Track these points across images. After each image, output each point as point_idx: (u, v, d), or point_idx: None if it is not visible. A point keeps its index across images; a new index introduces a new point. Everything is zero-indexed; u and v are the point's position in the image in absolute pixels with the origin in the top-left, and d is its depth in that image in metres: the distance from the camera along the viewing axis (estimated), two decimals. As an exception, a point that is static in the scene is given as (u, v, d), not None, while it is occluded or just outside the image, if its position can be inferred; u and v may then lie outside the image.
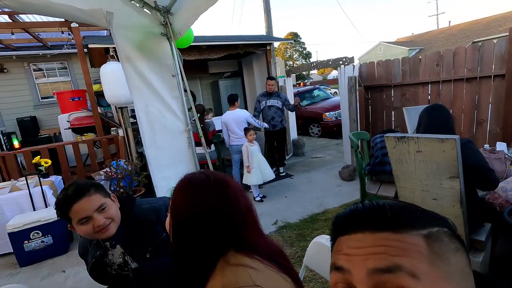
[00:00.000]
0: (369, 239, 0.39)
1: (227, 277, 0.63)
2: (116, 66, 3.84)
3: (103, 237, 1.09)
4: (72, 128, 4.60)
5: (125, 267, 1.18)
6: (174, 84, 2.07)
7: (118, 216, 1.12)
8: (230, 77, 7.11)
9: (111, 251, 1.17)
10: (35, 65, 6.44)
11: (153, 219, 1.17)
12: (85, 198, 1.05)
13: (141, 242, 1.15)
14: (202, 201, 0.69)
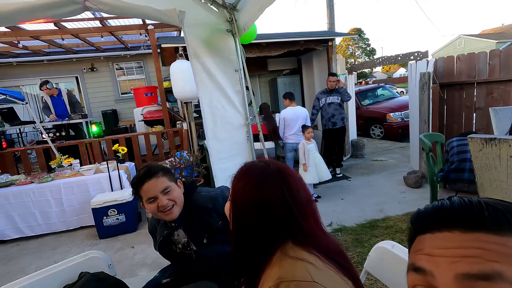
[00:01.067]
0: (458, 239, 0.34)
1: (284, 269, 0.61)
2: (184, 64, 4.15)
3: (167, 219, 1.18)
4: (144, 121, 5.12)
5: (188, 247, 1.26)
6: (237, 79, 2.13)
7: (181, 200, 1.20)
8: (288, 74, 7.07)
9: (177, 231, 1.27)
10: (117, 64, 7.33)
11: (209, 207, 1.23)
12: (153, 179, 1.15)
13: (198, 227, 1.21)
14: (262, 189, 0.68)
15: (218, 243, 1.20)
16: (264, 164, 0.73)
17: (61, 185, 3.66)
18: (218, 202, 1.25)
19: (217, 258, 1.18)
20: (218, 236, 1.21)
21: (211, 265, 1.20)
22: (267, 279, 0.62)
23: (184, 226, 1.24)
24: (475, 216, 0.34)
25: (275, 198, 0.67)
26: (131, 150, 4.69)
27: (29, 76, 6.66)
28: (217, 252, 1.19)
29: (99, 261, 1.23)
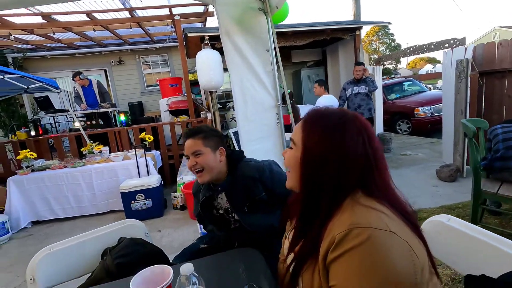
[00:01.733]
0: None
1: (357, 215, 0.57)
2: (210, 53, 4.15)
3: (199, 181, 1.23)
4: (170, 111, 5.21)
5: (230, 213, 1.27)
6: (268, 58, 2.09)
7: (211, 168, 1.21)
8: (312, 66, 6.93)
9: (220, 195, 1.28)
10: (143, 57, 7.51)
11: (256, 177, 1.23)
12: (191, 139, 1.22)
13: (241, 195, 1.21)
14: (344, 136, 0.64)
15: (259, 213, 1.20)
16: (341, 110, 0.69)
17: (92, 170, 3.79)
18: (265, 173, 1.24)
19: (257, 227, 1.18)
20: (260, 206, 1.20)
21: (251, 234, 1.19)
22: (336, 225, 0.59)
23: (227, 191, 1.25)
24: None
25: (355, 146, 0.63)
26: (157, 139, 4.78)
27: (61, 69, 6.97)
28: (257, 222, 1.18)
29: (137, 229, 1.25)
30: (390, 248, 0.53)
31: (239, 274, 0.87)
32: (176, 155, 4.82)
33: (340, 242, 0.55)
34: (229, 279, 0.84)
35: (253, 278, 0.84)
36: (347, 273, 0.54)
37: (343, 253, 0.54)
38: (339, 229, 0.57)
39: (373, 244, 0.53)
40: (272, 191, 1.21)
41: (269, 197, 1.21)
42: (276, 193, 1.21)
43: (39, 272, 0.99)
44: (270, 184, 1.22)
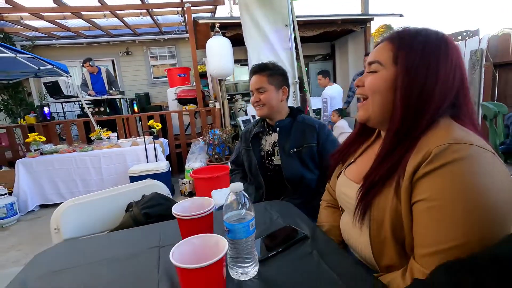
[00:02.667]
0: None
1: (457, 132, 0.56)
2: (220, 40, 4.14)
3: (258, 114, 1.30)
4: (178, 99, 5.19)
5: (269, 157, 1.31)
6: (286, 34, 2.06)
7: (272, 105, 1.27)
8: (321, 60, 6.90)
9: (266, 137, 1.34)
10: (151, 49, 7.50)
11: (315, 126, 1.28)
12: (257, 75, 1.28)
13: (295, 137, 1.26)
14: (445, 56, 0.61)
15: (299, 162, 1.23)
16: (435, 31, 0.65)
17: (100, 155, 3.78)
18: (324, 129, 1.29)
19: (292, 173, 1.21)
20: (304, 156, 1.23)
21: (283, 178, 1.23)
22: (432, 140, 0.56)
23: (283, 129, 1.29)
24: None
25: (455, 66, 0.61)
26: (165, 128, 4.77)
27: (70, 58, 6.97)
28: (294, 168, 1.22)
29: (159, 189, 1.22)
30: (493, 168, 0.51)
31: (273, 220, 0.85)
32: (184, 144, 4.80)
33: (438, 155, 0.52)
34: (265, 224, 0.82)
35: (289, 222, 0.81)
36: (441, 187, 0.51)
37: (440, 166, 0.52)
38: (436, 143, 0.54)
39: (476, 160, 0.51)
40: (323, 146, 1.25)
41: (317, 151, 1.26)
42: (325, 151, 1.25)
43: (63, 223, 0.97)
44: (324, 139, 1.26)
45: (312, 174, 1.24)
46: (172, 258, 0.46)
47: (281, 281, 0.58)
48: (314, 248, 0.68)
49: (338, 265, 0.61)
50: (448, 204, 0.50)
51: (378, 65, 0.65)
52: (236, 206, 0.57)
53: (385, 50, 0.65)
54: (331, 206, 0.93)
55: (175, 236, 0.78)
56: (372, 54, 0.68)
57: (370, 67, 0.68)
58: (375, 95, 0.66)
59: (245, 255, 0.58)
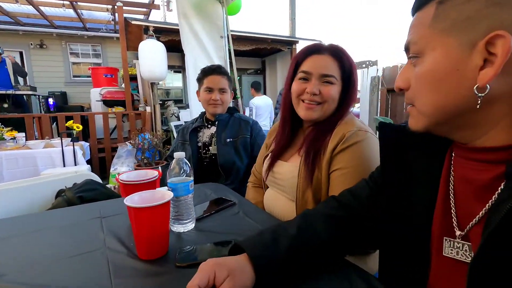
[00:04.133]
0: None
1: (357, 123, 0.85)
2: (155, 43, 4.09)
3: (211, 111, 1.44)
4: (103, 101, 4.84)
5: (206, 147, 1.44)
6: (221, 45, 2.26)
7: (227, 105, 1.47)
8: (252, 73, 7.34)
9: (204, 130, 1.50)
10: (71, 44, 6.81)
11: (250, 122, 1.50)
12: (221, 76, 1.43)
13: (232, 130, 1.45)
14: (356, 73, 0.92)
15: (233, 150, 1.40)
16: None
17: (3, 157, 3.27)
18: (257, 125, 1.51)
19: (226, 160, 1.38)
20: (238, 146, 1.42)
21: (220, 164, 1.38)
22: (344, 127, 0.84)
23: (222, 122, 1.45)
24: None
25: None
26: (86, 130, 4.39)
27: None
28: (228, 155, 1.39)
29: (91, 178, 1.22)
30: (377, 146, 0.77)
31: (208, 195, 0.99)
32: (108, 148, 4.49)
33: (349, 138, 0.79)
34: (199, 197, 0.95)
35: (220, 196, 0.96)
36: (351, 159, 0.78)
37: (350, 145, 0.79)
38: (348, 129, 0.81)
39: (370, 141, 0.80)
40: (255, 139, 1.47)
41: (250, 143, 1.46)
42: (256, 143, 1.45)
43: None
44: (256, 133, 1.48)
45: (242, 163, 1.43)
46: (125, 201, 0.57)
47: (213, 231, 0.72)
48: (241, 209, 0.85)
49: (260, 219, 0.79)
50: (354, 170, 0.77)
51: (334, 78, 0.85)
52: (178, 171, 0.70)
53: (333, 65, 0.86)
54: (256, 186, 1.13)
55: (116, 210, 0.85)
56: (327, 69, 0.86)
57: (326, 79, 0.86)
58: (330, 102, 0.88)
59: (185, 211, 0.70)
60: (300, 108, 0.88)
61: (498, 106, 0.37)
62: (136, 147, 4.00)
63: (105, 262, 0.58)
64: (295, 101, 0.89)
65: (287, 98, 0.93)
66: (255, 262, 0.50)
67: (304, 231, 0.56)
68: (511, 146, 0.37)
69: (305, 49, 0.89)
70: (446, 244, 0.46)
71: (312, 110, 0.85)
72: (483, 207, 0.40)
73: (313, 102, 0.84)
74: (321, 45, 0.88)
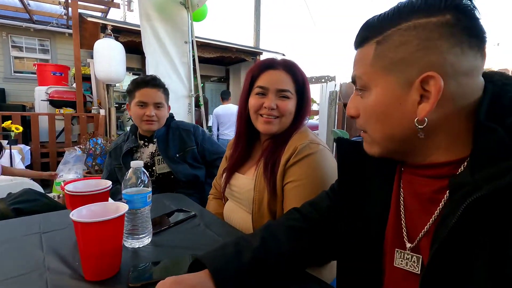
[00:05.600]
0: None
1: (310, 136, 0.86)
2: (112, 43, 3.87)
3: (145, 128, 1.27)
4: (50, 100, 4.41)
5: (149, 168, 1.30)
6: (185, 50, 2.21)
7: (163, 121, 1.31)
8: (216, 81, 7.31)
9: (142, 149, 1.32)
10: (13, 36, 6.15)
11: (190, 130, 1.37)
12: (156, 89, 1.26)
13: (175, 144, 1.31)
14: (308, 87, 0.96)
15: (187, 164, 1.31)
16: None
17: None
18: (198, 130, 1.40)
19: (184, 176, 1.28)
20: (189, 158, 1.31)
21: (175, 180, 1.27)
22: (296, 140, 0.85)
23: (161, 139, 1.30)
24: None
25: None
26: (28, 133, 3.95)
27: None
28: (185, 171, 1.28)
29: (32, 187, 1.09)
30: (328, 159, 0.82)
31: (167, 206, 0.93)
32: (53, 152, 4.09)
33: (301, 150, 0.79)
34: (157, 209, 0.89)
35: (181, 207, 0.92)
36: (303, 172, 0.78)
37: (302, 158, 0.79)
38: (300, 142, 0.81)
39: (322, 154, 0.81)
40: (202, 146, 1.37)
41: (198, 151, 1.36)
42: (204, 149, 1.37)
43: None
44: (201, 139, 1.38)
45: (201, 170, 1.37)
46: (71, 215, 0.51)
47: (172, 246, 0.68)
48: (201, 221, 0.82)
49: (223, 232, 0.77)
50: (306, 182, 0.77)
51: (289, 93, 0.87)
52: (135, 181, 0.65)
53: (288, 79, 0.87)
54: (217, 197, 1.11)
55: (59, 224, 0.76)
56: (282, 84, 0.87)
57: (282, 93, 0.87)
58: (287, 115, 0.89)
59: (141, 225, 0.65)
60: (259, 122, 0.88)
61: (439, 132, 0.41)
62: (87, 153, 3.70)
63: (43, 285, 0.51)
64: (254, 116, 0.89)
65: (243, 112, 0.92)
66: (216, 276, 0.48)
67: (267, 242, 0.56)
68: (452, 162, 0.41)
69: (259, 64, 0.90)
70: (397, 256, 0.49)
71: (271, 124, 0.86)
72: (429, 219, 0.44)
73: (271, 116, 0.85)
74: (275, 60, 0.89)
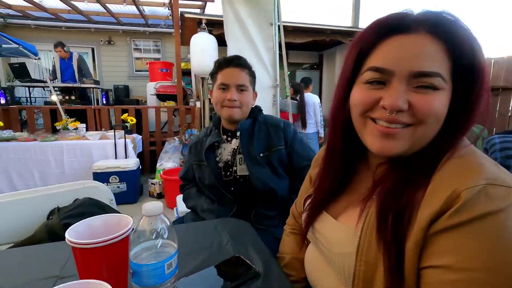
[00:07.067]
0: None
1: (488, 168, 0.41)
2: (206, 36, 3.97)
3: (225, 115, 1.09)
4: (157, 95, 4.94)
5: (230, 168, 1.11)
6: (270, 34, 1.93)
7: (247, 108, 1.12)
8: (308, 69, 6.87)
9: (225, 145, 1.15)
10: (135, 40, 7.20)
11: (280, 126, 1.13)
12: (239, 69, 1.08)
13: (259, 141, 1.10)
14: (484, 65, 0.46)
15: (269, 169, 1.07)
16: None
17: (63, 146, 3.48)
18: (289, 127, 1.15)
19: (262, 184, 1.03)
20: (273, 162, 1.07)
21: (253, 189, 1.04)
22: (455, 175, 0.41)
23: (244, 134, 1.10)
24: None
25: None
26: (140, 124, 4.51)
27: (46, 41, 6.53)
28: (264, 177, 1.04)
29: (99, 193, 1.02)
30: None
31: (222, 246, 0.68)
32: (159, 142, 4.56)
33: (470, 203, 0.37)
34: (209, 250, 0.64)
35: (240, 250, 0.65)
36: (476, 253, 0.37)
37: (474, 219, 0.37)
38: (466, 182, 0.39)
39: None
40: (291, 146, 1.10)
41: (287, 153, 1.10)
42: (293, 151, 1.10)
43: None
44: (291, 139, 1.11)
45: (283, 182, 1.09)
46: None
47: None
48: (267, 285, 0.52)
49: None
50: (480, 277, 0.36)
51: (442, 80, 0.44)
52: (149, 235, 0.41)
53: (438, 53, 0.44)
54: (295, 232, 0.77)
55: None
56: (422, 61, 0.44)
57: (421, 81, 0.45)
58: (430, 122, 0.46)
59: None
60: (369, 133, 0.49)
61: None
62: (183, 143, 3.95)
63: None
64: (359, 120, 0.50)
65: (340, 111, 0.54)
66: None
67: None
68: None
69: (375, 25, 0.49)
70: None
71: (393, 138, 0.46)
72: None
73: (396, 125, 0.45)
74: (409, 15, 0.46)
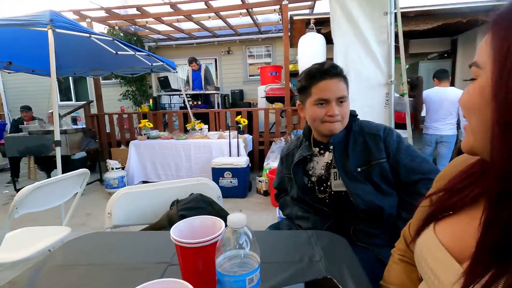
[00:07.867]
0: None
1: None
2: (314, 36, 3.94)
3: (326, 131, 0.99)
4: (266, 97, 5.24)
5: (324, 183, 1.02)
6: (384, 25, 1.71)
7: (347, 119, 1.00)
8: (435, 59, 5.79)
9: (317, 158, 1.06)
10: (249, 48, 7.85)
11: (380, 135, 0.98)
12: (336, 79, 0.96)
13: (358, 153, 0.97)
14: None
15: (370, 185, 0.93)
16: None
17: (191, 144, 4.15)
18: (392, 135, 0.99)
19: (364, 202, 0.91)
20: (374, 177, 0.93)
21: (353, 205, 0.93)
22: None
23: (338, 148, 1.00)
24: None
25: None
26: (251, 124, 4.89)
27: (182, 57, 7.97)
28: (366, 195, 0.91)
29: (210, 190, 1.17)
30: None
31: (313, 262, 0.64)
32: (267, 141, 4.82)
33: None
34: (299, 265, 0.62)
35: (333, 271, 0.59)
36: None
37: None
38: None
39: None
40: (394, 158, 0.94)
41: (390, 167, 0.95)
42: (399, 164, 0.94)
43: (115, 209, 1.01)
44: (394, 149, 0.95)
45: (390, 198, 0.94)
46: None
47: None
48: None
49: None
50: None
51: (477, 68, 0.40)
52: (232, 246, 0.42)
53: (487, 47, 0.39)
54: (406, 260, 0.64)
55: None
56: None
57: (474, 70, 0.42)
58: (474, 115, 0.41)
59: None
60: None
61: None
62: (288, 144, 4.05)
63: None
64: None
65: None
66: None
67: None
68: None
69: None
70: None
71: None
72: None
73: None
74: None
